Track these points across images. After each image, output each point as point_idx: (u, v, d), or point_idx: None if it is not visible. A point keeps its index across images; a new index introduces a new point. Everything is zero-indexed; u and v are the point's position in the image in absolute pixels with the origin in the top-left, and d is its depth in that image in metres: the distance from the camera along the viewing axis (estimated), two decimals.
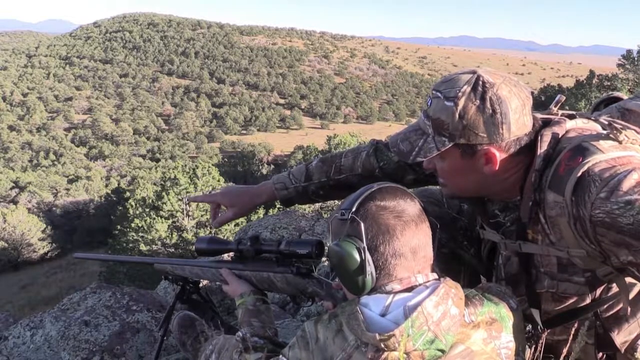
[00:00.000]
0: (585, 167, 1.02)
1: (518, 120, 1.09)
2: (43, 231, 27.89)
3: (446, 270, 1.43)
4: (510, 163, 1.14)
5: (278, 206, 16.68)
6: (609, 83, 19.67)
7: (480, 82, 1.08)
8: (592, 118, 1.19)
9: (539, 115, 1.19)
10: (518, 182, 1.16)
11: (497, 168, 1.13)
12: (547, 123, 1.17)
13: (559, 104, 1.22)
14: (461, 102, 1.08)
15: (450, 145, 1.11)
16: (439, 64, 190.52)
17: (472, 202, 1.33)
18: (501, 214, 1.28)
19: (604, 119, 1.15)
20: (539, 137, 1.12)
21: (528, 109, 1.11)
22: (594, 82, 21.53)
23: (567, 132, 1.14)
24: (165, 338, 1.79)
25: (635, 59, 20.00)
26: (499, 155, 1.11)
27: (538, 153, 1.11)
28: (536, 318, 1.25)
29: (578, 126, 1.16)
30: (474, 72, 1.11)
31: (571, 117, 1.20)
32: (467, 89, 1.08)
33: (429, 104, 1.15)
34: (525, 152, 1.14)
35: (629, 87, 18.45)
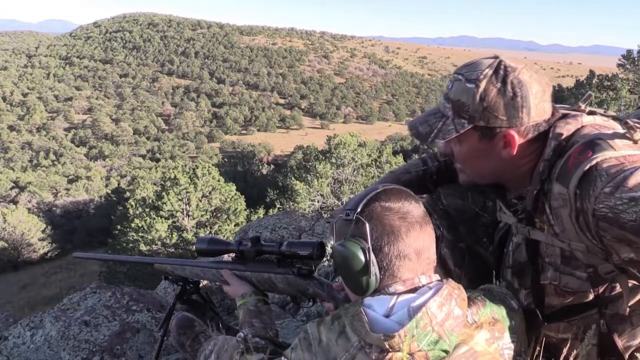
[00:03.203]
0: (594, 162, 1.02)
1: (538, 106, 1.10)
2: (43, 231, 27.83)
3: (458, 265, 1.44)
4: (527, 150, 1.14)
5: (278, 206, 16.68)
6: (609, 83, 19.62)
7: (502, 66, 1.10)
8: (617, 117, 1.19)
9: (561, 111, 1.20)
10: (530, 171, 1.17)
11: (514, 152, 1.13)
12: (565, 116, 1.17)
13: (588, 101, 1.22)
14: (482, 84, 1.09)
15: (469, 128, 1.12)
16: (439, 64, 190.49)
17: (493, 188, 1.33)
18: (517, 202, 1.29)
19: (629, 119, 1.15)
20: (553, 128, 1.13)
21: (548, 96, 1.12)
22: (594, 82, 21.49)
23: (582, 127, 1.14)
24: (165, 338, 1.78)
25: (635, 59, 19.95)
26: (518, 139, 1.12)
27: (548, 143, 1.11)
28: (538, 313, 1.24)
29: (596, 122, 1.16)
30: (496, 57, 1.13)
31: (592, 113, 1.20)
32: (489, 72, 1.10)
33: (449, 87, 1.16)
34: (541, 141, 1.14)
35: (629, 87, 18.42)
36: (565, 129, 1.12)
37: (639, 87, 18.75)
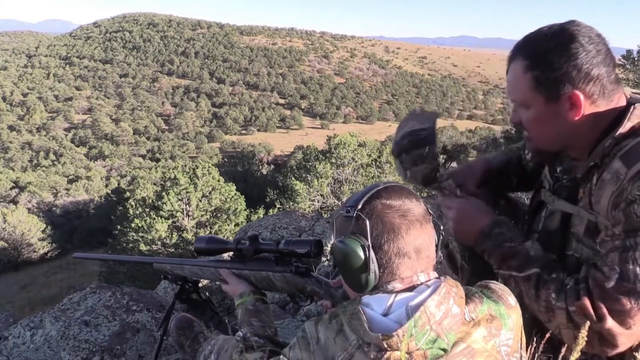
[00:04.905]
0: None
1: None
2: (43, 231, 27.84)
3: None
4: (591, 119, 1.17)
5: (278, 206, 16.69)
6: None
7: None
8: None
9: (631, 91, 1.23)
10: (589, 145, 1.20)
11: (580, 114, 1.16)
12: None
13: None
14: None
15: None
16: (439, 64, 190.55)
17: (547, 159, 1.38)
18: (565, 173, 1.33)
19: None
20: (631, 108, 1.16)
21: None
22: None
23: None
24: (164, 338, 1.79)
25: (635, 59, 19.94)
26: (584, 100, 1.14)
27: (625, 122, 1.14)
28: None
29: None
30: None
31: None
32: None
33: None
34: (607, 118, 1.17)
35: (629, 87, 18.41)
36: None
37: (639, 87, 18.75)
